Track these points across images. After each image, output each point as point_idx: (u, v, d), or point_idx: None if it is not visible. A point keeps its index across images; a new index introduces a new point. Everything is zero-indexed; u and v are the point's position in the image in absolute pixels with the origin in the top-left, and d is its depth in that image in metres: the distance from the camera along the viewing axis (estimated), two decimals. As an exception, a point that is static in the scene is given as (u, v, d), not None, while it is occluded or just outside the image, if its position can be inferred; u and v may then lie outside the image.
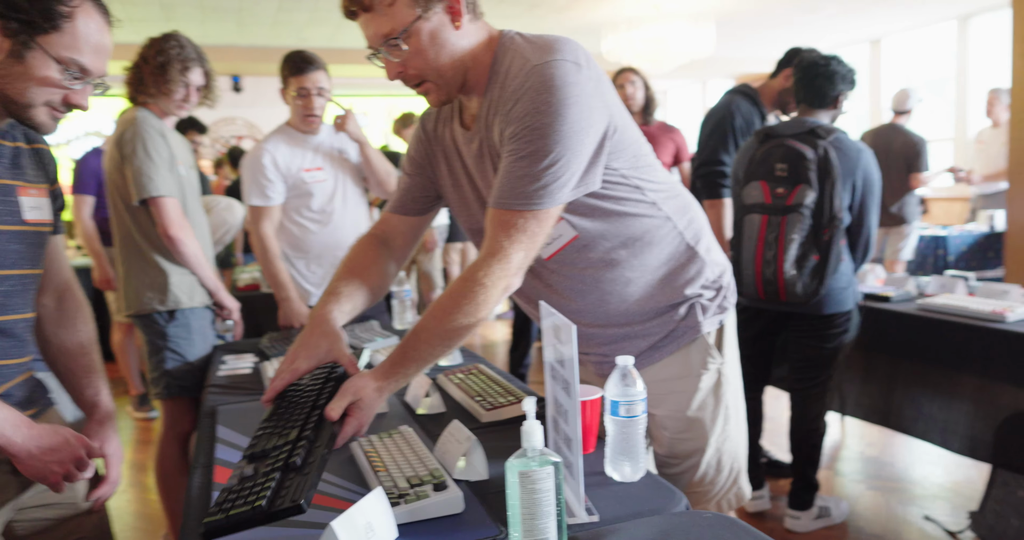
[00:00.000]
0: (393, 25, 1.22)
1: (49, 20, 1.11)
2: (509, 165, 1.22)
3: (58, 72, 1.14)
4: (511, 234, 1.22)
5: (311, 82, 2.53)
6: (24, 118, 1.19)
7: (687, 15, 6.80)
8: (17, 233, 1.23)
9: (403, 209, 1.55)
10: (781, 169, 2.40)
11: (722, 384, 1.47)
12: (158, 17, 6.71)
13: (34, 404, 1.33)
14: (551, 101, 1.18)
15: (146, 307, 2.32)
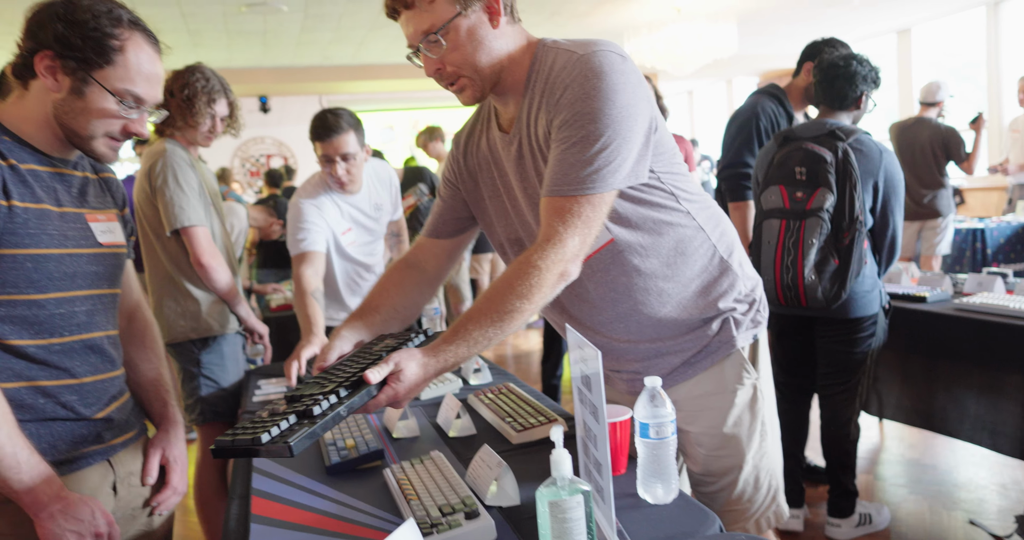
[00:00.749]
0: (433, 21, 1.25)
1: (103, 55, 1.18)
2: (560, 153, 1.22)
3: (115, 104, 1.21)
4: (566, 219, 1.21)
5: (333, 149, 2.40)
6: (87, 150, 1.26)
7: (708, 15, 6.76)
8: (94, 255, 1.29)
9: (435, 232, 1.57)
10: (800, 173, 2.37)
11: (758, 400, 1.45)
12: (185, 43, 6.86)
13: (132, 428, 1.39)
14: (600, 86, 1.19)
15: (179, 336, 2.37)
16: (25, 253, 1.18)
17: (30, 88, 1.23)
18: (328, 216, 2.48)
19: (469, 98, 1.35)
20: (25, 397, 1.20)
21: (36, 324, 1.21)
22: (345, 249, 2.58)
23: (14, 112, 1.24)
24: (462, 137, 1.52)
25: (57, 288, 1.23)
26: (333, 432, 1.62)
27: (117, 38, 1.19)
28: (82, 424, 1.27)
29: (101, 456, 1.30)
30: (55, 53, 1.17)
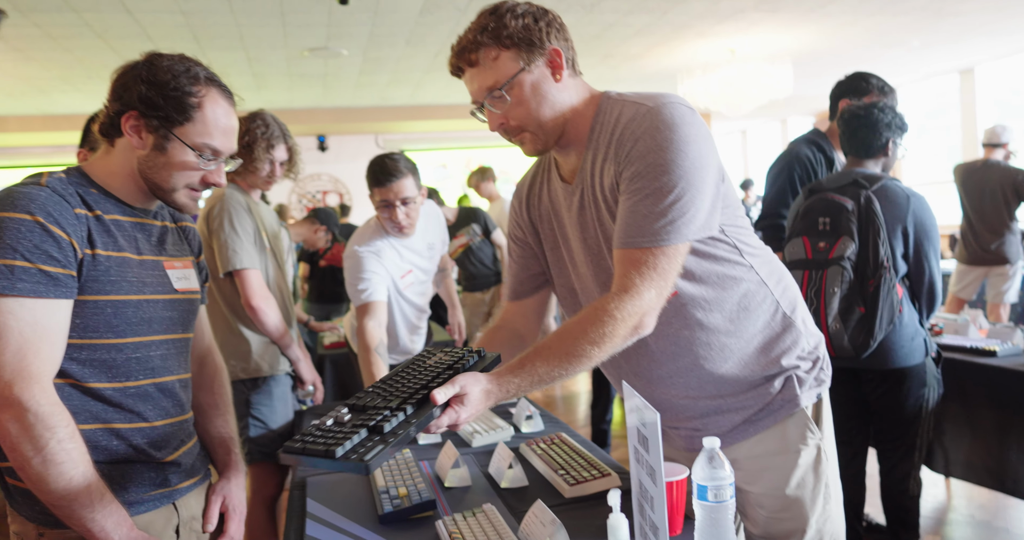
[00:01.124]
0: (497, 77, 1.28)
1: (183, 113, 1.25)
2: (633, 204, 1.23)
3: (194, 157, 1.28)
4: (642, 271, 1.21)
5: (393, 194, 2.38)
6: (169, 201, 1.32)
7: (763, 57, 6.74)
8: (170, 301, 1.34)
9: (515, 295, 1.57)
10: (823, 223, 2.35)
11: (821, 461, 1.40)
12: (250, 85, 7.13)
13: (197, 472, 1.42)
14: (672, 138, 1.20)
15: (230, 375, 2.41)
16: (106, 299, 1.23)
17: (116, 145, 1.30)
18: (387, 262, 2.49)
19: (531, 151, 1.37)
20: (100, 438, 1.24)
21: (113, 367, 1.25)
22: (404, 292, 2.60)
23: (100, 167, 1.31)
24: (523, 188, 1.54)
25: (135, 333, 1.28)
26: (386, 479, 1.62)
27: (195, 96, 1.26)
28: (151, 467, 1.31)
29: (167, 499, 1.33)
30: (139, 113, 1.24)
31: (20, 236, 1.13)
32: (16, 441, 1.11)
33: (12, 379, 1.10)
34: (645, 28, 5.91)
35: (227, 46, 5.70)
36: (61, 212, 1.18)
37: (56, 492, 1.13)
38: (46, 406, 1.12)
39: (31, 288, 1.13)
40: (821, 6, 5.58)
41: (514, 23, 1.27)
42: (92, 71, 6.15)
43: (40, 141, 8.47)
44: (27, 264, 1.13)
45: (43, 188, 1.19)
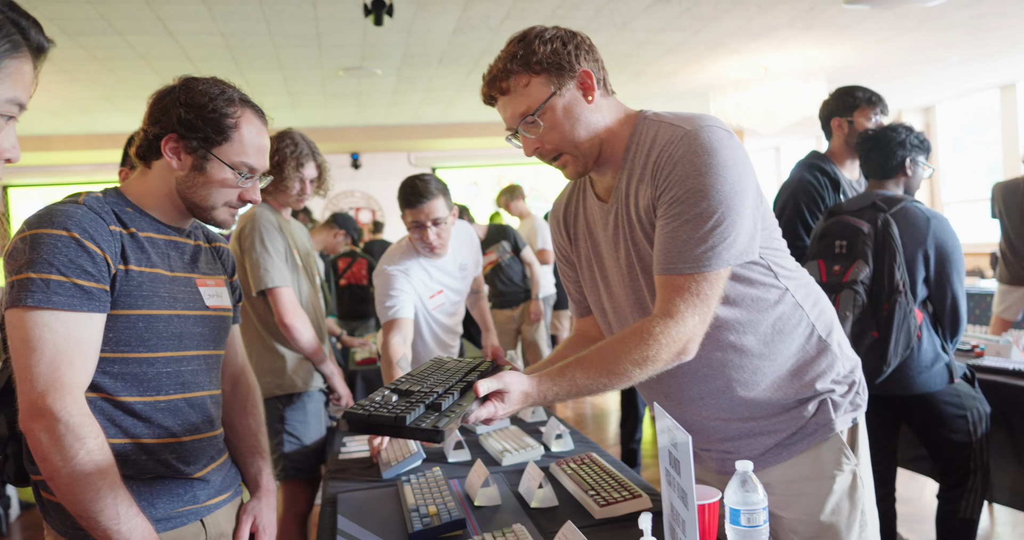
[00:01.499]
0: (529, 103, 1.29)
1: (221, 133, 1.30)
2: (673, 229, 1.22)
3: (232, 175, 1.32)
4: (685, 297, 1.21)
5: (425, 215, 2.40)
6: (207, 219, 1.37)
7: (797, 74, 6.69)
8: (201, 317, 1.37)
9: (580, 311, 1.60)
10: (840, 246, 2.31)
11: (857, 487, 1.37)
12: (286, 104, 7.26)
13: (227, 489, 1.44)
14: (711, 163, 1.20)
15: (265, 392, 2.44)
16: (138, 314, 1.26)
17: (153, 167, 1.34)
18: (415, 281, 2.50)
19: (572, 173, 1.37)
20: (129, 453, 1.26)
21: (144, 381, 1.28)
22: (433, 312, 2.61)
23: (137, 187, 1.35)
24: (560, 208, 1.54)
25: (165, 347, 1.30)
26: (416, 497, 1.62)
27: (232, 116, 1.30)
28: (180, 483, 1.32)
29: (195, 516, 1.34)
30: (179, 135, 1.29)
31: (56, 251, 1.16)
32: (47, 451, 1.13)
33: (45, 390, 1.13)
34: (677, 46, 5.91)
35: (264, 67, 5.82)
36: (96, 228, 1.21)
37: (83, 504, 1.14)
38: (77, 417, 1.14)
39: (66, 301, 1.16)
40: (856, 23, 5.53)
41: (542, 49, 1.28)
42: (134, 91, 6.32)
43: (84, 159, 8.71)
44: (62, 278, 1.16)
45: (80, 206, 1.23)
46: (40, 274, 1.15)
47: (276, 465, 2.47)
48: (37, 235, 1.18)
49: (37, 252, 1.16)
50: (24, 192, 9.94)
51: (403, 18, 4.73)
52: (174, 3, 4.27)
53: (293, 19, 4.71)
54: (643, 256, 1.32)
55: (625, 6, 4.81)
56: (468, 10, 4.72)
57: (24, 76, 0.85)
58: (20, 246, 1.18)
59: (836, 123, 2.74)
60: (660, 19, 5.15)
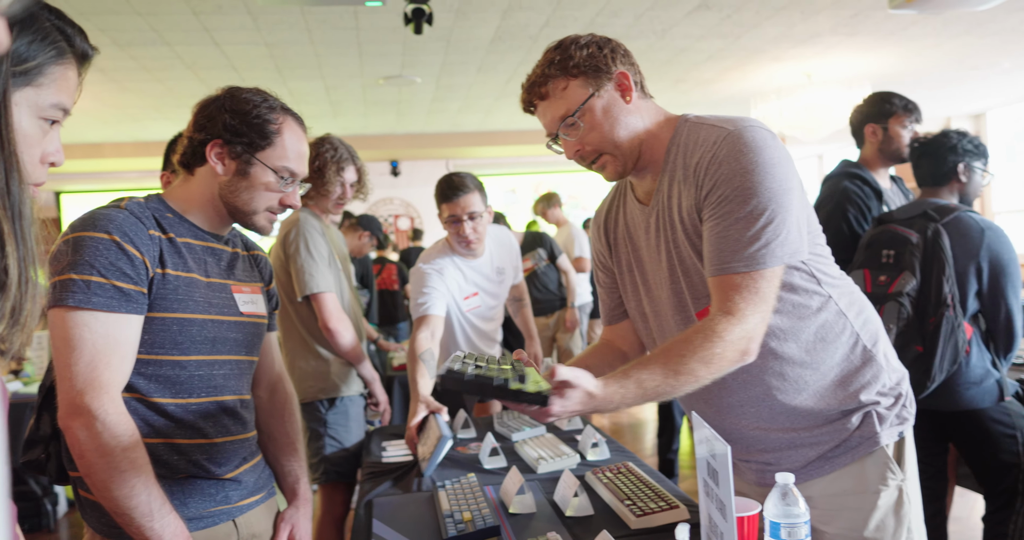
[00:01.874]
0: (568, 105, 1.30)
1: (265, 138, 1.34)
2: (723, 229, 1.21)
3: (275, 179, 1.36)
4: (744, 295, 1.18)
5: (460, 208, 2.44)
6: (248, 223, 1.40)
7: (840, 81, 6.58)
8: (235, 323, 1.40)
9: (609, 319, 1.58)
10: (887, 255, 2.24)
11: (903, 503, 1.33)
12: (327, 112, 7.37)
13: (260, 491, 1.46)
14: (758, 161, 1.19)
15: (308, 395, 2.47)
16: (173, 317, 1.28)
17: (195, 174, 1.38)
18: (449, 280, 2.52)
19: (612, 174, 1.37)
20: (161, 453, 1.28)
21: (177, 384, 1.30)
22: (467, 314, 2.62)
23: (179, 194, 1.39)
24: (601, 214, 1.55)
25: (198, 351, 1.32)
26: (451, 502, 1.62)
27: (274, 123, 1.35)
28: (211, 483, 1.34)
29: (227, 516, 1.36)
30: (224, 141, 1.32)
31: (97, 253, 1.20)
32: (84, 448, 1.16)
33: (84, 388, 1.16)
34: (717, 53, 5.86)
35: (306, 76, 5.92)
36: (136, 232, 1.24)
37: (118, 500, 1.17)
38: (114, 415, 1.17)
39: (105, 302, 1.19)
40: (902, 29, 5.42)
41: (579, 53, 1.30)
42: (181, 100, 6.48)
43: (132, 166, 8.95)
44: (102, 280, 1.19)
45: (121, 210, 1.27)
46: (81, 275, 1.18)
47: (317, 468, 2.49)
48: (80, 238, 1.21)
49: (79, 254, 1.20)
50: (76, 198, 10.24)
51: (442, 27, 4.78)
52: (221, 14, 4.37)
53: (335, 29, 4.79)
54: (684, 259, 1.31)
55: (665, 13, 4.78)
56: (507, 18, 4.74)
57: (69, 82, 0.87)
58: (63, 248, 1.22)
59: (870, 129, 2.67)
60: (700, 26, 5.11)
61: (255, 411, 1.56)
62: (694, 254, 1.29)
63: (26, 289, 0.67)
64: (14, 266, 0.67)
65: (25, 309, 0.68)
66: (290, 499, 1.55)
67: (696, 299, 1.32)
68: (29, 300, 0.68)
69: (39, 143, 0.85)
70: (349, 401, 2.51)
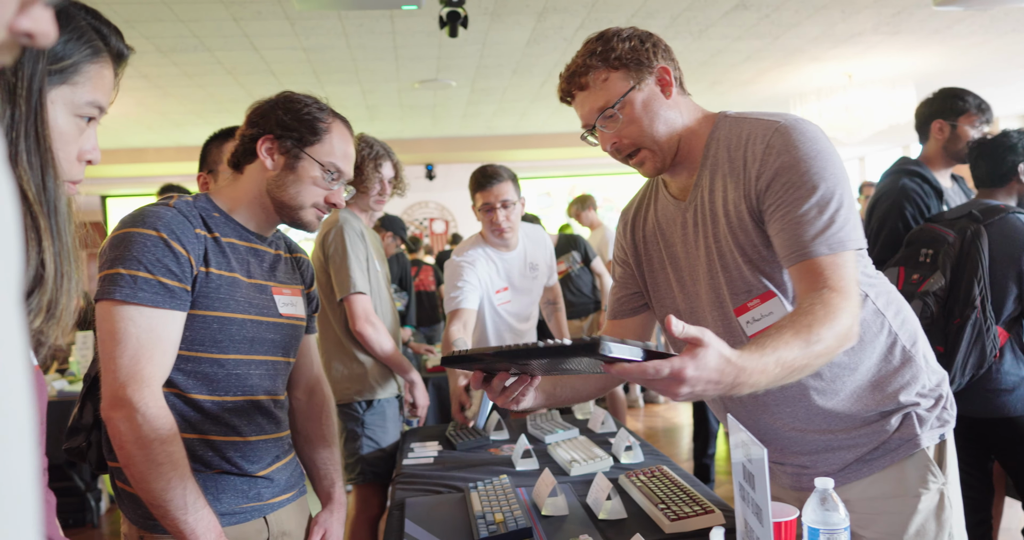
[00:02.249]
0: (608, 97, 1.29)
1: (314, 134, 1.38)
2: (796, 216, 1.18)
3: (321, 173, 1.38)
4: (840, 273, 1.15)
5: (494, 196, 2.51)
6: (294, 219, 1.42)
7: (882, 81, 6.45)
8: (274, 324, 1.41)
9: (614, 313, 1.55)
10: (925, 255, 2.19)
11: (945, 508, 1.30)
12: (364, 116, 7.45)
13: (291, 488, 1.48)
14: (818, 149, 1.20)
15: (345, 397, 2.49)
16: (213, 315, 1.30)
17: (245, 172, 1.41)
18: (481, 272, 2.55)
19: (651, 169, 1.35)
20: (196, 448, 1.30)
21: (215, 381, 1.32)
22: (498, 309, 2.63)
23: (227, 193, 1.42)
24: (629, 212, 1.53)
25: (237, 350, 1.34)
26: (483, 504, 1.61)
27: (324, 121, 1.39)
28: (244, 480, 1.36)
29: (258, 513, 1.38)
30: (275, 136, 1.36)
31: (145, 249, 1.22)
32: (124, 439, 1.18)
33: (126, 381, 1.18)
34: (756, 53, 5.78)
35: (343, 80, 5.99)
36: (183, 230, 1.27)
37: (155, 491, 1.19)
38: (154, 409, 1.19)
39: (150, 298, 1.21)
40: (947, 27, 5.29)
41: (621, 45, 1.29)
42: (222, 105, 6.60)
43: (174, 170, 9.14)
44: (149, 275, 1.21)
45: (170, 208, 1.29)
46: (129, 270, 1.21)
47: (353, 469, 2.51)
48: (129, 233, 1.24)
49: (128, 249, 1.22)
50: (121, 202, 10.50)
51: (478, 30, 4.79)
52: (260, 20, 4.45)
53: (371, 33, 4.83)
54: (724, 254, 1.29)
55: (701, 14, 4.74)
56: (542, 21, 4.74)
57: (104, 81, 0.88)
58: (113, 243, 1.25)
59: (937, 126, 2.57)
60: (738, 26, 5.05)
61: (293, 413, 1.58)
62: (735, 248, 1.27)
63: (61, 284, 0.68)
64: (50, 261, 0.68)
65: (60, 303, 0.69)
66: (325, 502, 1.56)
67: (734, 295, 1.29)
68: (64, 295, 0.69)
69: (75, 141, 0.86)
70: (387, 402, 2.53)
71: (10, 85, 0.71)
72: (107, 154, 8.25)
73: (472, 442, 2.27)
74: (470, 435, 2.31)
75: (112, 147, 8.23)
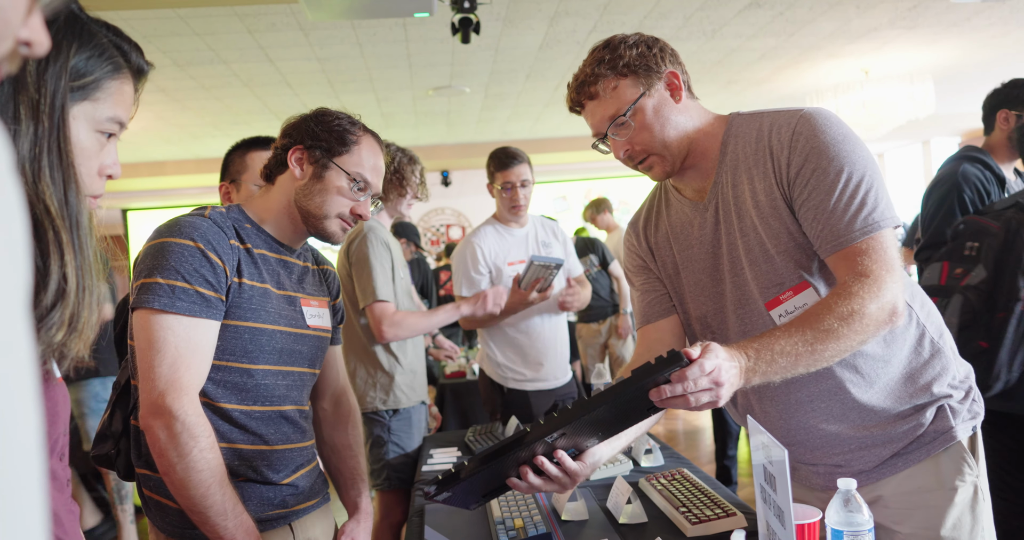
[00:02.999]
0: (619, 105, 1.29)
1: (343, 144, 1.40)
2: (827, 204, 1.19)
3: (348, 183, 1.39)
4: (873, 257, 1.16)
5: (515, 176, 2.64)
6: (319, 228, 1.43)
7: (900, 76, 6.37)
8: (301, 336, 1.43)
9: (645, 319, 1.49)
10: (971, 247, 2.13)
11: (979, 500, 1.29)
12: (379, 124, 7.48)
13: (315, 495, 1.48)
14: (843, 133, 1.21)
15: (371, 405, 2.50)
16: (244, 325, 1.32)
17: (276, 183, 1.43)
18: (487, 249, 2.68)
19: (660, 174, 1.35)
20: (225, 456, 1.30)
21: (243, 391, 1.33)
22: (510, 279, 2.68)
23: (259, 204, 1.44)
24: (639, 221, 1.51)
25: (267, 361, 1.35)
26: (502, 509, 1.61)
27: (354, 133, 1.41)
28: (269, 488, 1.36)
29: (284, 520, 1.38)
30: (305, 146, 1.39)
31: (183, 259, 1.24)
32: (164, 447, 1.19)
33: (165, 389, 1.19)
34: (770, 51, 5.74)
35: (358, 89, 6.02)
36: (219, 241, 1.29)
37: (194, 498, 1.20)
38: (192, 416, 1.21)
39: (188, 307, 1.23)
40: (965, 19, 5.22)
41: (629, 52, 1.28)
42: (238, 117, 6.66)
43: (193, 183, 9.24)
44: (186, 285, 1.23)
45: (205, 219, 1.31)
46: (167, 280, 1.23)
47: (380, 475, 2.52)
48: (166, 243, 1.26)
49: (165, 259, 1.24)
50: (141, 215, 10.62)
51: (490, 36, 4.80)
52: (274, 32, 4.49)
53: (385, 41, 4.86)
54: (752, 247, 1.28)
55: (715, 13, 4.71)
56: (554, 25, 4.74)
57: (125, 96, 0.89)
58: (150, 252, 1.27)
59: (1003, 115, 2.53)
60: (752, 25, 5.01)
61: (318, 423, 1.60)
62: (768, 239, 1.26)
63: (83, 297, 0.69)
64: (72, 275, 0.69)
65: (82, 317, 0.70)
66: (351, 511, 1.56)
67: (764, 289, 1.28)
68: (86, 308, 0.70)
69: (96, 156, 0.87)
70: (413, 409, 2.55)
71: (33, 102, 0.72)
72: (127, 168, 8.36)
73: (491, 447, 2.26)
74: (489, 440, 2.31)
75: (132, 161, 8.33)
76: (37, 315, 0.66)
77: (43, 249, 0.68)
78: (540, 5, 4.35)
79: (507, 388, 2.67)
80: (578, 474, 1.18)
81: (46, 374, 0.70)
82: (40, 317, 0.67)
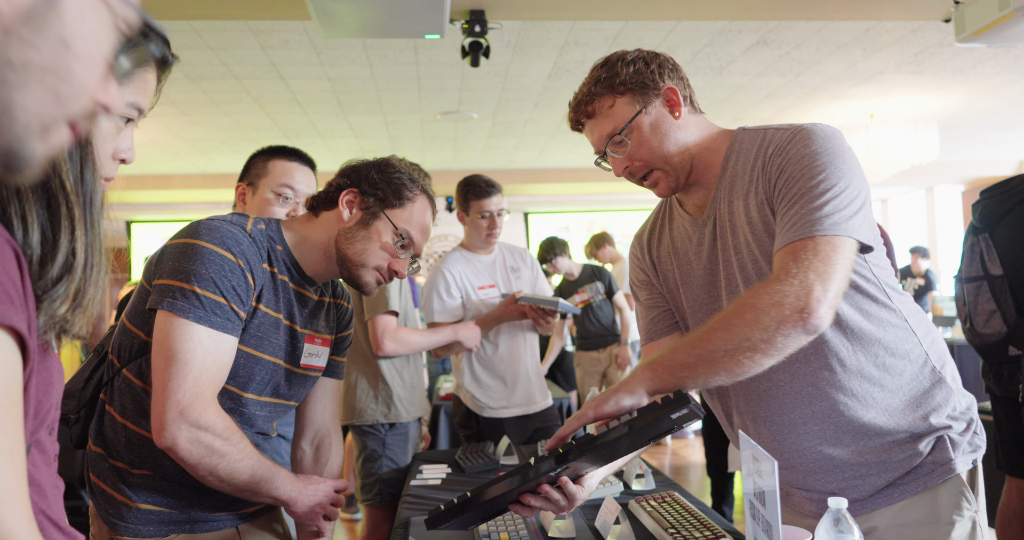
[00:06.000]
0: (616, 123, 1.29)
1: (399, 198, 1.39)
2: (790, 208, 1.16)
3: (393, 238, 1.38)
4: (798, 257, 1.10)
5: (494, 205, 2.67)
6: (353, 276, 1.41)
7: (905, 120, 6.42)
8: (291, 373, 1.42)
9: (649, 336, 1.49)
10: None
11: (977, 536, 1.26)
12: (387, 147, 7.54)
13: None
14: (827, 145, 1.19)
15: (370, 418, 2.48)
16: (246, 351, 1.31)
17: (320, 217, 1.42)
18: (458, 275, 2.68)
19: (664, 190, 1.35)
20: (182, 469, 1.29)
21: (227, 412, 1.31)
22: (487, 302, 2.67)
23: (298, 229, 1.42)
24: (643, 235, 1.51)
25: (254, 390, 1.35)
26: (488, 524, 1.57)
27: (411, 191, 1.41)
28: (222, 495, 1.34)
29: (231, 522, 1.38)
30: (360, 190, 1.38)
31: (223, 273, 1.23)
32: (198, 456, 1.19)
33: (191, 403, 1.19)
34: (776, 91, 5.80)
35: (367, 110, 6.08)
36: (256, 263, 1.29)
37: (244, 482, 1.24)
38: (220, 423, 1.21)
39: (221, 323, 1.23)
40: (971, 66, 5.28)
41: (625, 70, 1.29)
42: (247, 134, 6.72)
43: (199, 198, 9.28)
44: (224, 301, 1.23)
45: (247, 235, 1.31)
46: (205, 291, 1.22)
47: (371, 489, 2.50)
48: (206, 249, 1.24)
49: (204, 267, 1.23)
50: (145, 228, 10.65)
51: (500, 63, 4.86)
52: (287, 49, 4.54)
53: (396, 63, 4.92)
54: (746, 265, 1.27)
55: (722, 49, 4.77)
56: (564, 54, 4.80)
57: (147, 84, 0.91)
58: (186, 251, 1.25)
59: None
60: (758, 63, 5.08)
61: (296, 463, 1.57)
62: (762, 257, 1.24)
63: (90, 274, 0.69)
64: (81, 250, 0.69)
65: (88, 293, 0.70)
66: None
67: None
68: (92, 285, 0.70)
69: (112, 139, 0.89)
70: (411, 424, 2.55)
71: None
72: (133, 180, 8.40)
73: (481, 465, 2.24)
74: (479, 458, 2.28)
75: (138, 173, 8.38)
76: (41, 287, 0.66)
77: (54, 222, 0.69)
78: (550, 34, 4.41)
79: (482, 416, 2.67)
80: (577, 498, 1.18)
81: (45, 345, 0.70)
82: (45, 289, 0.67)
